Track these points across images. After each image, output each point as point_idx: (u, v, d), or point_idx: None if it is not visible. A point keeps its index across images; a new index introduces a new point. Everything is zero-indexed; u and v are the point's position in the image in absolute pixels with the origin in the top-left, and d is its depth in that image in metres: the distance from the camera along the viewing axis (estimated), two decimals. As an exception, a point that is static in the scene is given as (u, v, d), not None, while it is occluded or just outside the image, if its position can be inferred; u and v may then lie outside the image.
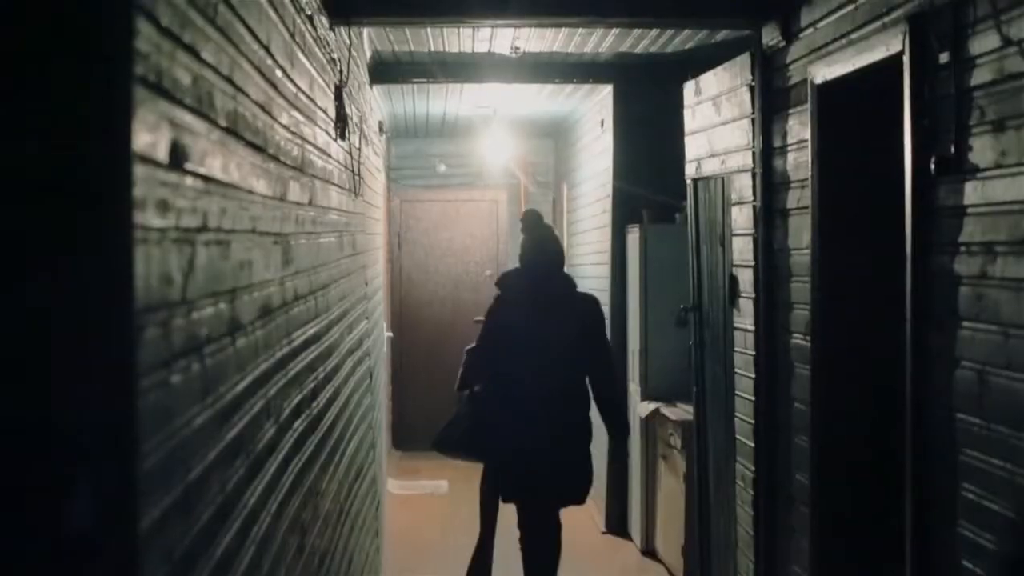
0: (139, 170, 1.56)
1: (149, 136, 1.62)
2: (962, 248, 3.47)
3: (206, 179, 1.99)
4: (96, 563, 1.47)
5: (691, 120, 6.87)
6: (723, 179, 6.23)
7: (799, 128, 5.05)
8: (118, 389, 1.49)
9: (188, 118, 1.87)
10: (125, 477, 1.50)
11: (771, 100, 5.47)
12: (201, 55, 1.98)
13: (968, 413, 3.42)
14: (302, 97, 3.39)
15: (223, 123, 2.15)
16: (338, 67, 4.60)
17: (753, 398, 5.71)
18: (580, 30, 6.59)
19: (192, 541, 1.87)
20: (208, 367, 2.00)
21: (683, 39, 6.93)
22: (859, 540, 4.80)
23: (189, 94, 1.88)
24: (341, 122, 4.53)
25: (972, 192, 3.41)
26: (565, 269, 6.62)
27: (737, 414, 6.03)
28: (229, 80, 2.22)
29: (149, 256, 1.61)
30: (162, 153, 1.69)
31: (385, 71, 7.74)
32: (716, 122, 6.35)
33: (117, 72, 1.51)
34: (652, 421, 7.94)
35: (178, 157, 1.79)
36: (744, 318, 5.86)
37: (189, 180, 1.87)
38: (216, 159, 2.08)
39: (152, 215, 1.63)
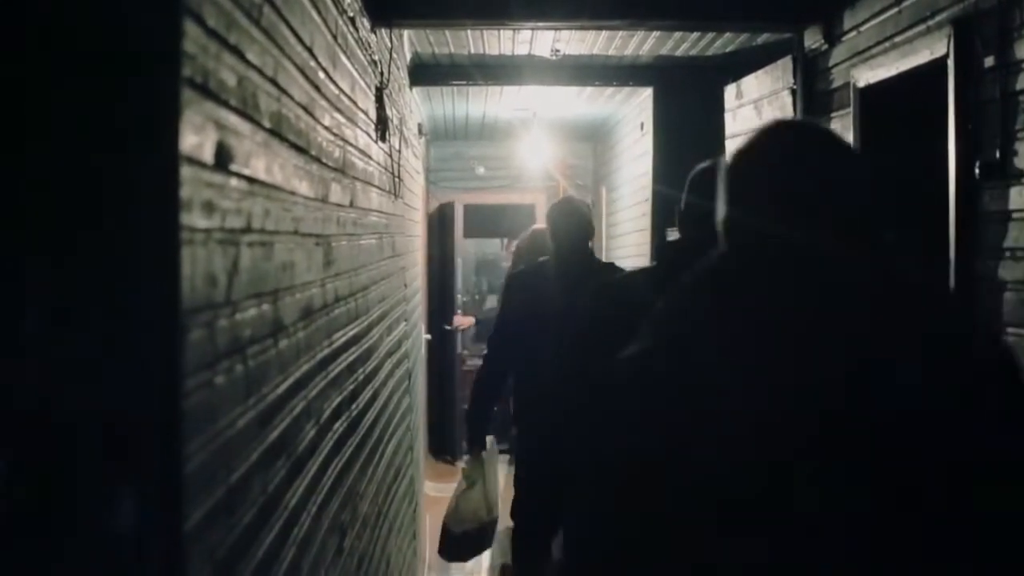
0: (186, 171, 1.56)
1: (195, 137, 1.62)
2: (1007, 253, 3.43)
3: (250, 180, 1.99)
4: (141, 564, 1.47)
5: (732, 123, 6.84)
6: (764, 183, 6.18)
7: (841, 132, 5.02)
8: (164, 390, 1.50)
9: (233, 119, 1.87)
10: (170, 478, 1.51)
11: (813, 104, 5.44)
12: (246, 56, 1.98)
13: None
14: (344, 99, 3.39)
15: (267, 124, 2.15)
16: (379, 69, 4.60)
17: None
18: (620, 33, 6.57)
19: (234, 542, 1.87)
20: (251, 368, 2.00)
21: (724, 42, 6.90)
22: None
23: (234, 95, 1.88)
24: (381, 124, 4.53)
25: (1017, 197, 3.38)
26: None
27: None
28: (273, 81, 2.22)
29: (195, 257, 1.61)
30: (208, 154, 1.69)
31: (425, 73, 7.74)
32: (757, 125, 6.31)
33: (165, 73, 1.52)
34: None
35: (223, 158, 1.79)
36: (784, 323, 5.81)
37: (234, 181, 1.87)
38: (260, 160, 2.08)
39: (198, 216, 1.63)
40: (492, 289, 13.39)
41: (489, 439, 6.12)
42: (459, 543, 6.03)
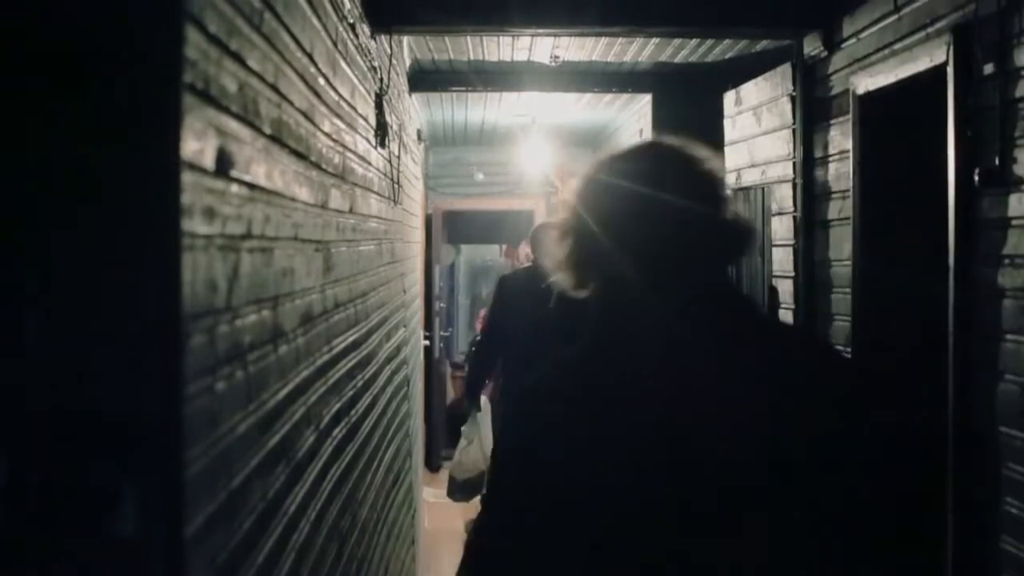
0: (187, 177, 1.56)
1: (197, 143, 1.62)
2: (1006, 260, 3.44)
3: (251, 186, 1.99)
4: (142, 569, 1.47)
5: (731, 130, 6.85)
6: (763, 189, 6.20)
7: (840, 138, 5.02)
8: (165, 395, 1.50)
9: (234, 125, 1.87)
10: (171, 483, 1.51)
11: (812, 110, 5.44)
12: (247, 63, 1.98)
13: (1011, 426, 3.39)
14: (344, 105, 3.39)
15: (268, 130, 2.15)
16: (378, 75, 4.60)
17: (792, 410, 5.65)
18: (620, 39, 6.58)
19: (235, 548, 1.87)
20: (251, 374, 2.00)
21: (723, 49, 6.90)
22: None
23: (235, 101, 1.88)
24: (381, 130, 4.53)
25: (1017, 204, 3.38)
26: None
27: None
28: (274, 88, 2.23)
29: (196, 263, 1.61)
30: (209, 160, 1.69)
31: (424, 79, 7.75)
32: (756, 132, 6.32)
33: (167, 79, 1.52)
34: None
35: (224, 164, 1.79)
36: (783, 329, 5.81)
37: (234, 187, 1.87)
38: (260, 166, 2.08)
39: (199, 222, 1.63)
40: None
41: (483, 401, 8.21)
42: (462, 487, 8.10)
